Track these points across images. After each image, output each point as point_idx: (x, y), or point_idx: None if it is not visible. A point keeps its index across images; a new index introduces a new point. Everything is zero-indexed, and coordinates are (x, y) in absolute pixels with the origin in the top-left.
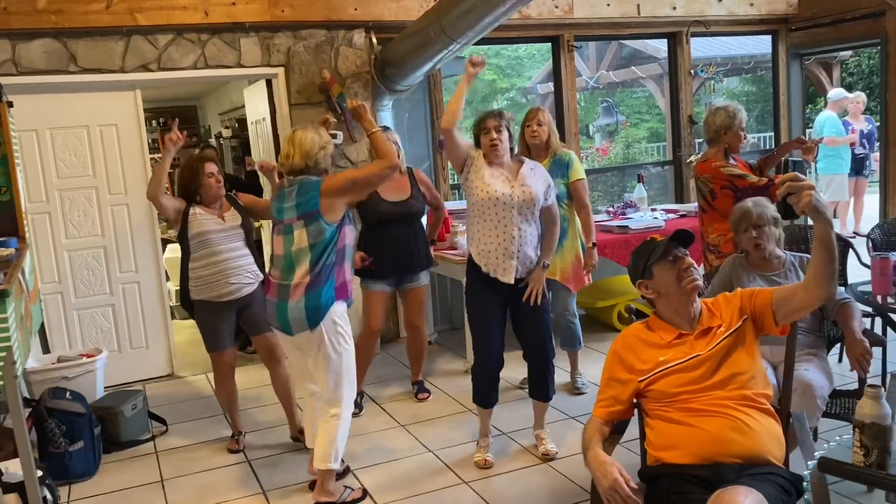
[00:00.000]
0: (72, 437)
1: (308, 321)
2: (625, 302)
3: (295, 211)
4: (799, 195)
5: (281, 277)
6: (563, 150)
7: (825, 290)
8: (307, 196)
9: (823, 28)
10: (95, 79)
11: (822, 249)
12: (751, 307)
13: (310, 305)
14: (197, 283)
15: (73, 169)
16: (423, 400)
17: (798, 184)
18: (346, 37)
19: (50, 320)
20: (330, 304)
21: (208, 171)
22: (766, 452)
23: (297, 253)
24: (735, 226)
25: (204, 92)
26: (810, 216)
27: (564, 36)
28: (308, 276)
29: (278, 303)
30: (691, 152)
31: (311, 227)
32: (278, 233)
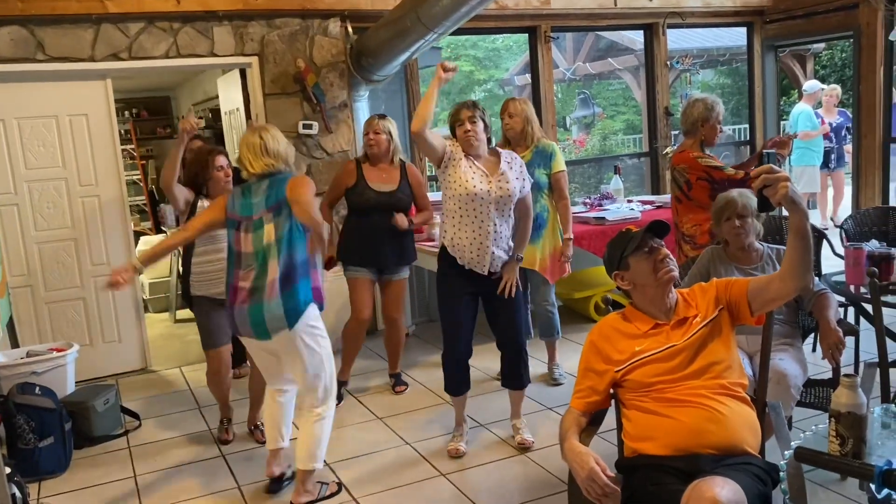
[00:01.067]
0: (41, 433)
1: (287, 320)
2: (601, 293)
3: (264, 203)
4: (775, 187)
5: (253, 278)
6: (545, 141)
7: (800, 281)
8: (278, 188)
9: (798, 20)
10: (64, 67)
11: (797, 240)
12: (726, 297)
13: (288, 304)
14: (199, 278)
15: (42, 160)
16: (401, 392)
17: (773, 176)
18: (322, 26)
19: (19, 314)
20: (308, 302)
21: (218, 164)
22: (742, 442)
23: (268, 247)
24: (718, 214)
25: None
26: (786, 207)
27: (542, 27)
28: (281, 271)
29: (252, 306)
30: (667, 144)
31: (280, 217)
32: (246, 230)
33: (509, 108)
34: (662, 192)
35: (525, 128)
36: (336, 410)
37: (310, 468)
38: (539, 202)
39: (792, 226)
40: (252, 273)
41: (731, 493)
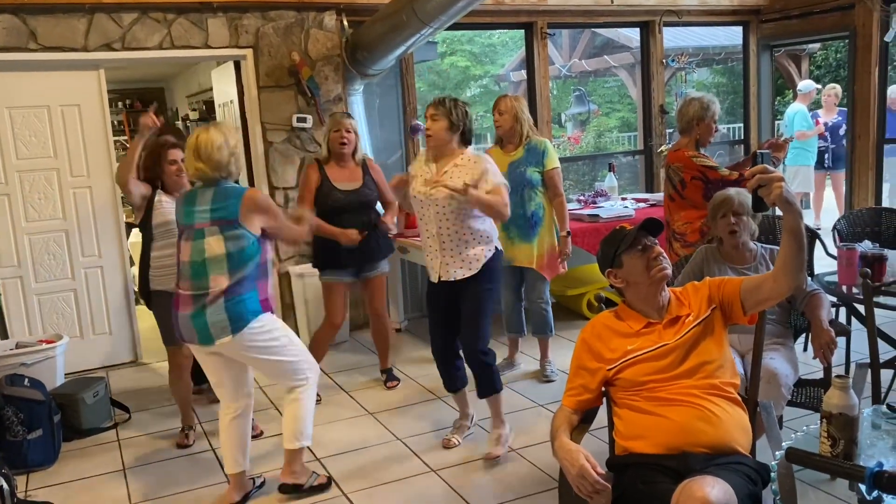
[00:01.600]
0: (30, 425)
1: (231, 327)
2: (594, 290)
3: (209, 215)
4: (769, 187)
5: (192, 287)
6: (536, 138)
7: (793, 280)
8: (226, 202)
9: (793, 20)
10: (57, 57)
11: (791, 240)
12: (719, 296)
13: (232, 312)
14: (159, 272)
15: (34, 150)
16: (393, 388)
17: (768, 176)
18: (317, 19)
19: (9, 306)
20: (254, 315)
21: (171, 157)
22: (732, 442)
23: (211, 261)
24: (713, 210)
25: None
26: (780, 208)
27: (538, 23)
28: (226, 283)
29: (194, 312)
30: (662, 142)
31: (229, 233)
32: (186, 239)
33: (500, 105)
34: (656, 190)
35: (514, 125)
36: (328, 406)
37: (295, 447)
38: (534, 200)
39: (786, 225)
40: (190, 283)
41: (722, 492)
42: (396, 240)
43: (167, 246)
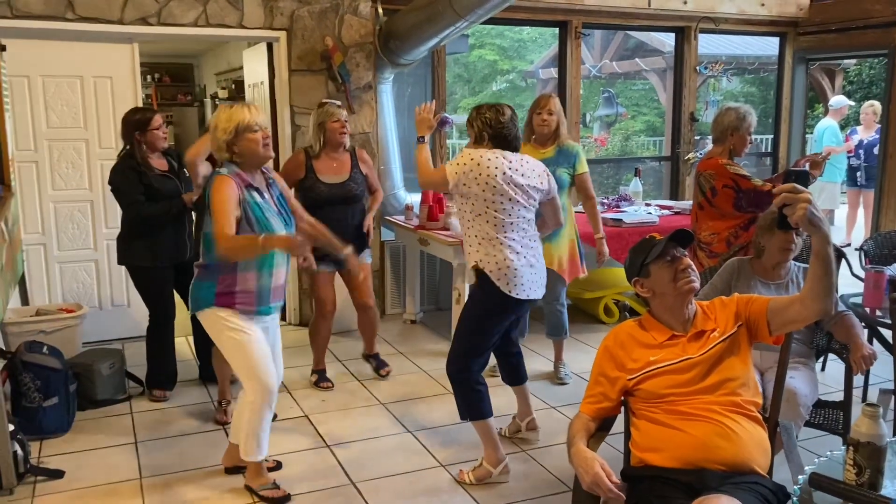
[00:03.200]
0: (46, 393)
1: (192, 304)
2: (612, 295)
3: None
4: (794, 206)
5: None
6: (569, 142)
7: (821, 305)
8: (210, 182)
9: (832, 34)
10: (93, 28)
11: (817, 264)
12: (746, 313)
13: (193, 292)
14: None
15: (64, 119)
16: (387, 374)
17: (794, 195)
18: (352, 5)
19: (31, 272)
20: (205, 304)
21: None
22: (751, 461)
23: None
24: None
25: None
26: (805, 229)
27: (573, 22)
28: (203, 262)
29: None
30: (690, 149)
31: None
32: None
33: (548, 105)
34: (681, 198)
35: (559, 128)
36: (340, 393)
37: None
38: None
39: (813, 248)
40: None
41: None
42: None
43: None
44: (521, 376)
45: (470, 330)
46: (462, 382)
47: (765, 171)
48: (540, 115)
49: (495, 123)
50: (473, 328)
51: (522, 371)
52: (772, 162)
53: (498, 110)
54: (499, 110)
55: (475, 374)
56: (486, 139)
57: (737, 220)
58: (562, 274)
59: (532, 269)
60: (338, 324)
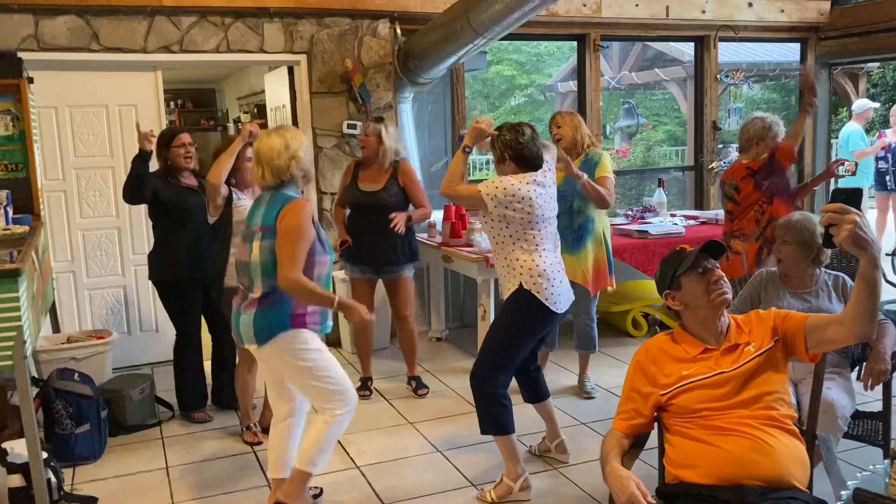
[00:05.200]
0: (78, 420)
1: (256, 337)
2: (640, 308)
3: (260, 220)
4: (839, 227)
5: (246, 286)
6: (594, 150)
7: (862, 329)
8: (273, 209)
9: (854, 38)
10: (117, 58)
11: (862, 286)
12: (783, 329)
13: (257, 325)
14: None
15: (91, 148)
16: (423, 395)
17: (840, 215)
18: (371, 26)
19: (61, 299)
20: (279, 329)
21: (247, 154)
22: (789, 476)
23: (253, 266)
24: (783, 233)
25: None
26: (849, 251)
27: (591, 35)
28: (259, 292)
29: (236, 309)
30: (714, 158)
31: (266, 242)
32: (245, 239)
33: (556, 119)
34: (706, 207)
35: (575, 137)
36: (367, 412)
37: (303, 470)
38: (583, 212)
39: (859, 270)
40: (245, 281)
41: None
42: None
43: None
44: (542, 392)
45: (502, 343)
46: (487, 396)
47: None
48: (550, 130)
49: (515, 144)
50: (506, 341)
51: (543, 387)
52: (797, 168)
53: (517, 131)
54: (518, 130)
55: (501, 389)
56: (507, 160)
57: (759, 197)
58: (586, 286)
59: (564, 281)
60: None
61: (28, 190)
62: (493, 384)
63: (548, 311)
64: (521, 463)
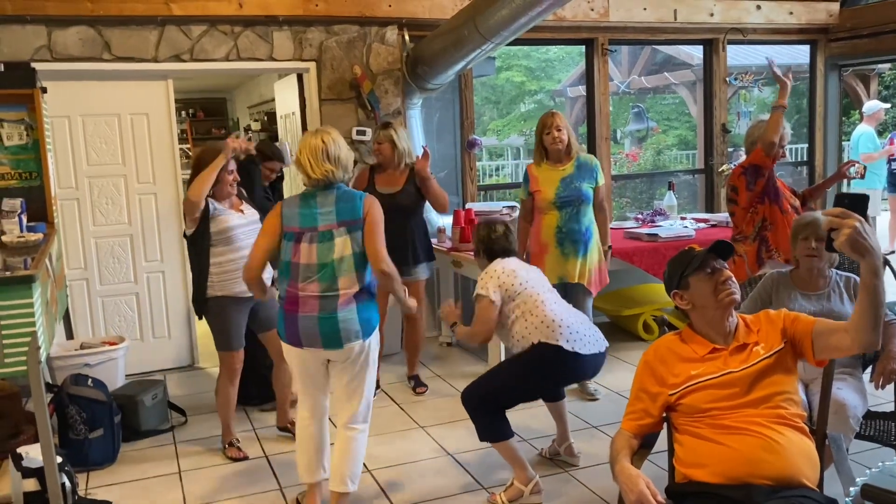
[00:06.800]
0: (92, 425)
1: (363, 330)
2: (651, 311)
3: (335, 217)
4: (840, 231)
5: (321, 289)
6: (584, 154)
7: (866, 338)
8: (351, 203)
9: (864, 39)
10: (128, 67)
11: (863, 294)
12: (791, 331)
13: (364, 316)
14: (219, 278)
15: (103, 156)
16: (422, 393)
17: (840, 220)
18: (379, 33)
19: (74, 306)
20: (378, 321)
21: (229, 167)
22: (799, 474)
23: (339, 261)
24: (796, 231)
25: (234, 84)
26: (849, 256)
27: (599, 39)
28: (356, 286)
29: (322, 315)
30: (724, 161)
31: (356, 234)
32: (310, 241)
33: (556, 122)
34: (717, 211)
35: (570, 141)
36: (378, 417)
37: (346, 490)
38: (587, 215)
39: (861, 279)
40: (317, 284)
41: None
42: (451, 253)
43: (227, 251)
44: (559, 392)
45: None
46: (476, 409)
47: (801, 181)
48: (550, 133)
49: (486, 240)
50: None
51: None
52: (808, 171)
53: (490, 228)
54: (491, 228)
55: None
56: (481, 253)
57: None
58: (589, 287)
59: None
60: None
61: (42, 198)
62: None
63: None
64: (530, 467)
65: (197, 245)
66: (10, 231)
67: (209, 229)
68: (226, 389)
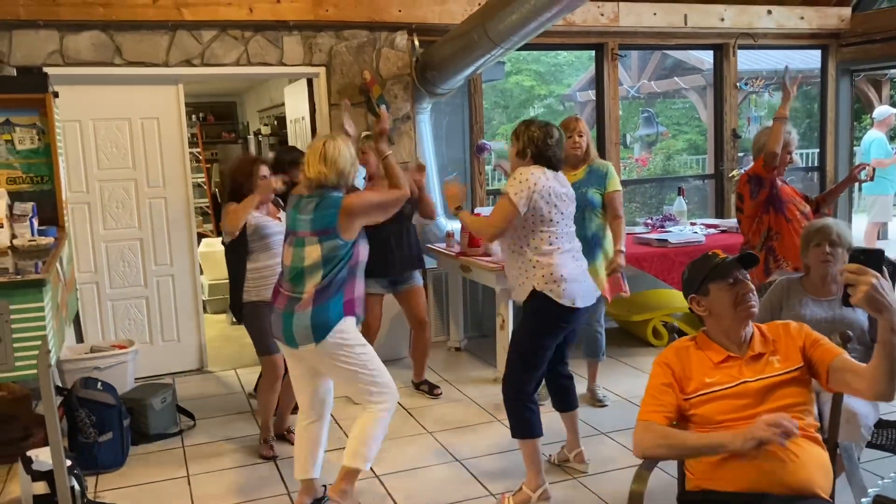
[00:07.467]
0: (101, 428)
1: (314, 335)
2: (660, 317)
3: (309, 225)
4: (857, 287)
5: (291, 289)
6: (599, 161)
7: (879, 389)
8: (326, 212)
9: (876, 44)
10: (139, 72)
11: (880, 348)
12: (809, 354)
13: (316, 320)
14: (255, 283)
15: (114, 160)
16: (439, 395)
17: (857, 276)
18: (389, 38)
19: (84, 310)
20: (337, 319)
21: (261, 173)
22: (812, 484)
23: (308, 268)
24: (808, 238)
25: (244, 88)
26: (867, 311)
27: (609, 44)
28: (318, 288)
29: (285, 313)
30: (734, 167)
31: (326, 243)
32: (290, 244)
33: (578, 127)
34: (727, 216)
35: (589, 148)
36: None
37: (354, 465)
38: (594, 221)
39: (878, 333)
40: (289, 284)
41: None
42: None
43: (264, 258)
44: (572, 402)
45: (525, 348)
46: (517, 401)
47: (812, 186)
48: (571, 137)
49: (541, 143)
50: (528, 345)
51: (573, 396)
52: (819, 177)
53: (547, 131)
54: (548, 131)
55: (530, 393)
56: (528, 156)
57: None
58: (604, 293)
59: (583, 277)
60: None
61: (53, 202)
62: (522, 389)
63: (566, 309)
64: (543, 473)
65: (235, 251)
66: (21, 235)
67: (247, 236)
68: (265, 392)
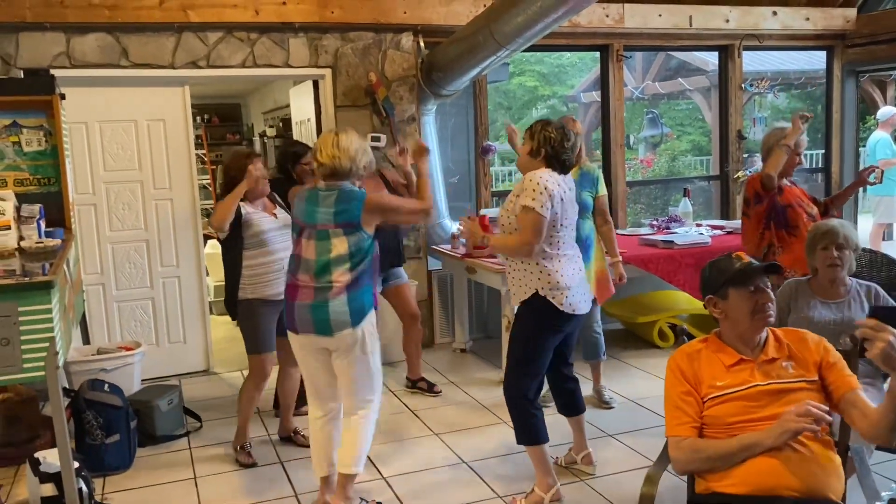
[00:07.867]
0: (108, 430)
1: (352, 319)
2: (666, 318)
3: (333, 218)
4: (873, 342)
5: (315, 280)
6: (588, 164)
7: (880, 435)
8: (349, 205)
9: (882, 45)
10: (146, 74)
11: (889, 399)
12: (824, 375)
13: (354, 304)
14: (251, 280)
15: (120, 162)
16: (439, 393)
17: (874, 332)
18: (394, 40)
19: (91, 311)
20: (370, 306)
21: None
22: (824, 487)
23: (335, 259)
24: (814, 241)
25: (248, 90)
26: (882, 368)
27: (614, 45)
28: (348, 277)
29: (315, 303)
30: (739, 168)
31: (352, 237)
32: (308, 237)
33: (575, 128)
34: (732, 217)
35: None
36: (392, 424)
37: (350, 472)
38: (587, 224)
39: (889, 386)
40: (312, 276)
41: None
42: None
43: (259, 254)
44: (578, 406)
45: (522, 352)
46: (519, 406)
47: (817, 187)
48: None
49: (558, 145)
50: (525, 350)
51: (579, 400)
52: (824, 178)
53: (565, 133)
54: (566, 134)
55: (532, 399)
56: (542, 156)
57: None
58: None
59: (583, 284)
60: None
61: (60, 203)
62: (523, 394)
63: (564, 315)
64: (554, 474)
65: (230, 248)
66: (28, 237)
67: (242, 233)
68: (250, 392)
